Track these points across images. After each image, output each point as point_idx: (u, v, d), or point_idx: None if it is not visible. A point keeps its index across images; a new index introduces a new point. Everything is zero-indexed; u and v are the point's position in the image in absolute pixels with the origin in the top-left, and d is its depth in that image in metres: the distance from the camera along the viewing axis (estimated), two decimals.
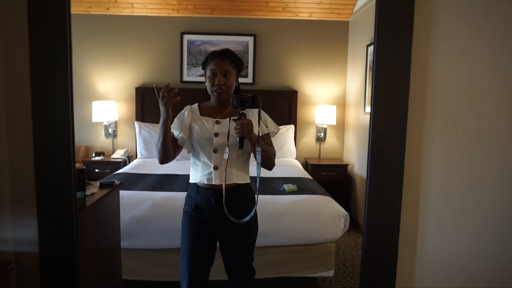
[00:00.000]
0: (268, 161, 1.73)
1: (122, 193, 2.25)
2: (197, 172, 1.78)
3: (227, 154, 1.66)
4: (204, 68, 1.80)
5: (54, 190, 1.22)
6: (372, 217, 1.29)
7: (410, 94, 1.28)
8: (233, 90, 1.79)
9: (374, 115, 1.25)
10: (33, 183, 1.23)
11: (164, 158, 1.74)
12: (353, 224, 3.88)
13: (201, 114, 1.81)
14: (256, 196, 1.66)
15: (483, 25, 1.32)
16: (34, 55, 1.21)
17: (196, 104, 1.85)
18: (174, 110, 1.86)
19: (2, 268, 1.16)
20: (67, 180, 1.20)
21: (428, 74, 1.32)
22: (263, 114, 1.79)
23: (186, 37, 4.35)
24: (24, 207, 1.28)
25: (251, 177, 1.85)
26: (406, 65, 1.25)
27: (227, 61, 1.73)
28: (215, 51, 1.77)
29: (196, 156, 1.79)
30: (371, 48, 3.68)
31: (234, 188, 1.74)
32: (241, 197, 1.78)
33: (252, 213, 1.67)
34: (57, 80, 1.21)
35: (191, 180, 1.82)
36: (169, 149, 1.72)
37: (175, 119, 1.82)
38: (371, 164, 1.27)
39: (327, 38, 4.45)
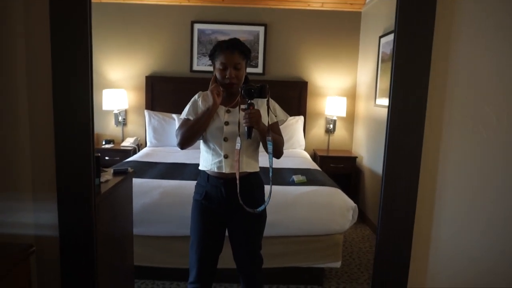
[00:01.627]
0: (276, 150, 1.74)
1: (133, 180, 2.28)
2: (207, 159, 1.79)
3: (239, 144, 1.67)
4: (212, 59, 1.78)
5: (74, 176, 1.24)
6: (387, 210, 1.29)
7: (430, 86, 1.26)
8: (243, 80, 1.79)
9: (392, 106, 1.24)
10: (53, 169, 1.26)
11: (191, 142, 1.77)
12: (360, 216, 3.88)
13: None
14: (270, 186, 1.67)
15: (506, 19, 1.30)
16: (55, 43, 1.22)
17: (208, 92, 1.85)
18: (186, 96, 1.87)
19: (24, 251, 1.19)
20: (86, 166, 1.23)
21: (449, 67, 1.30)
22: (272, 102, 1.79)
23: (197, 26, 4.34)
24: (45, 192, 1.31)
25: (261, 167, 1.87)
26: (427, 56, 1.23)
27: (236, 53, 1.72)
28: (223, 42, 1.75)
29: (206, 144, 1.81)
30: (383, 40, 3.64)
31: (245, 177, 1.75)
32: (251, 185, 1.79)
33: (266, 203, 1.69)
34: (77, 68, 1.22)
35: (201, 167, 1.83)
36: (201, 135, 1.77)
37: (189, 105, 1.83)
38: (387, 156, 1.26)
39: (338, 28, 4.40)
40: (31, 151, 1.32)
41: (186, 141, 1.75)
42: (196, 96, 1.86)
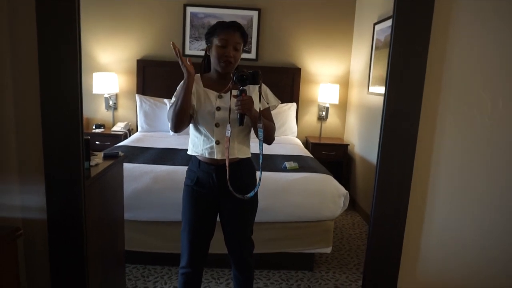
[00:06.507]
0: (267, 136, 1.72)
1: (124, 165, 2.26)
2: (197, 145, 1.77)
3: (229, 132, 1.65)
4: (210, 38, 1.73)
5: (62, 158, 1.22)
6: (381, 195, 1.29)
7: (427, 72, 1.26)
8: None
9: (389, 91, 1.24)
10: (40, 151, 1.23)
11: (182, 124, 1.69)
12: (351, 203, 3.91)
13: (204, 86, 1.78)
14: (259, 173, 1.67)
15: (504, 5, 1.29)
16: (41, 25, 1.17)
17: (198, 75, 1.82)
18: (178, 81, 1.84)
19: (11, 234, 1.17)
20: (75, 148, 1.20)
21: (446, 53, 1.29)
22: (263, 87, 1.76)
23: (189, 9, 4.26)
24: (32, 174, 1.28)
25: (252, 154, 1.85)
26: (424, 42, 1.22)
27: (238, 34, 1.69)
28: (223, 22, 1.72)
29: (196, 128, 1.78)
30: (378, 27, 3.61)
31: (236, 163, 1.74)
32: (243, 171, 1.79)
33: (256, 189, 1.68)
34: (65, 48, 1.18)
35: (191, 153, 1.80)
36: (188, 113, 1.68)
37: (179, 87, 1.79)
38: (383, 142, 1.26)
39: (333, 15, 4.36)
40: (16, 132, 1.28)
41: (175, 122, 1.69)
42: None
